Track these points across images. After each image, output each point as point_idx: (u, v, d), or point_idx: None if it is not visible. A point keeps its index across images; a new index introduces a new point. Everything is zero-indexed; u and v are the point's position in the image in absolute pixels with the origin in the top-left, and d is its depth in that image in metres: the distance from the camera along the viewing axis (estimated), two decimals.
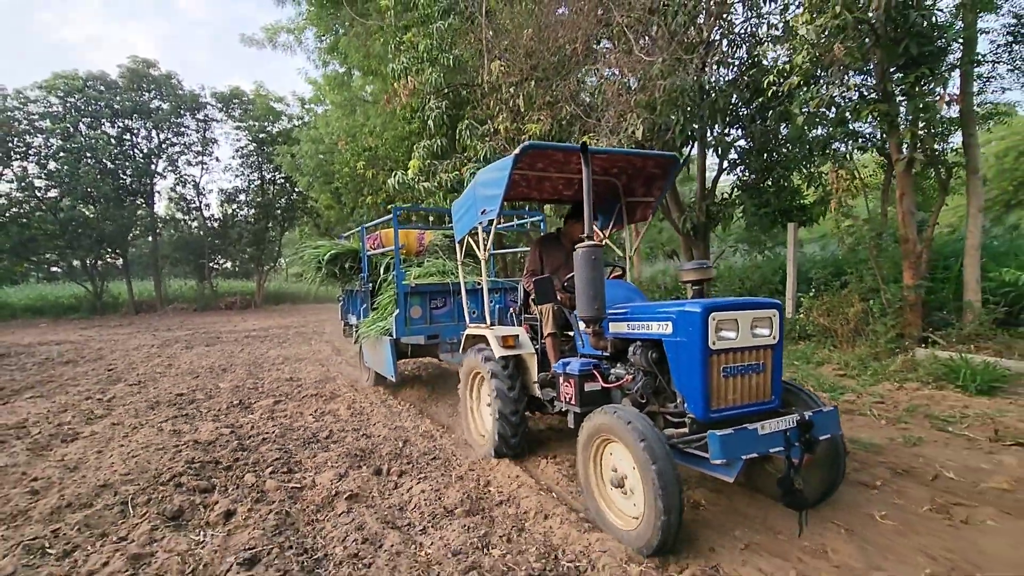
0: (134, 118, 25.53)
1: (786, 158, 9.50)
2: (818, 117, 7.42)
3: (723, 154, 9.46)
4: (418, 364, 8.57)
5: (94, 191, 23.26)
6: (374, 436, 4.82)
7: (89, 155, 23.34)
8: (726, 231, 11.04)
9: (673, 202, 9.95)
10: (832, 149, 8.11)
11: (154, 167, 26.99)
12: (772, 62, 6.70)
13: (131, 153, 26.05)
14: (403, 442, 4.60)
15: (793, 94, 6.73)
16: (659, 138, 7.66)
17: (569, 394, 3.42)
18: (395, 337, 5.84)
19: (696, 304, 2.75)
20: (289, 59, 32.43)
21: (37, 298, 24.53)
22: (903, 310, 6.96)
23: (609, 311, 3.24)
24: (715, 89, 8.14)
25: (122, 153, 25.37)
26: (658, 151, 4.53)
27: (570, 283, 3.67)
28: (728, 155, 9.60)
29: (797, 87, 6.46)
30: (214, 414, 5.82)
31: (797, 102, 6.90)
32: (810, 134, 8.34)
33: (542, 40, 8.05)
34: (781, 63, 6.57)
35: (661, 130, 7.52)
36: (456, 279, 6.12)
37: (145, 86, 25.78)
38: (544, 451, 4.25)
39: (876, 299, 7.24)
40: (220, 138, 38.33)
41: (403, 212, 7.24)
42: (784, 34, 7.22)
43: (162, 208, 29.85)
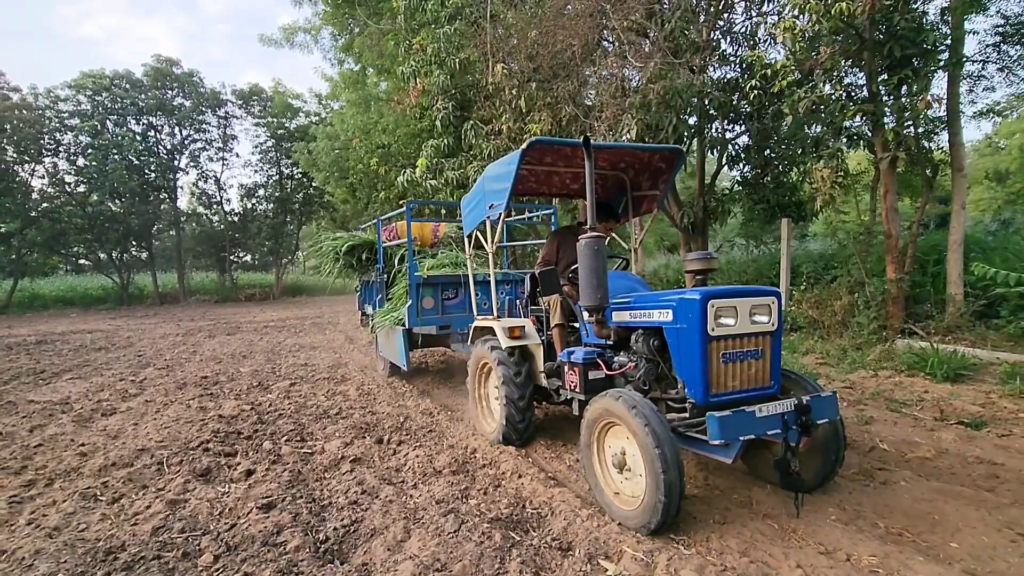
0: (158, 115, 26.44)
1: (784, 155, 9.80)
2: (805, 117, 7.70)
3: (721, 151, 9.77)
4: (424, 352, 9.02)
5: (121, 186, 24.16)
6: (379, 413, 5.32)
7: (116, 152, 24.26)
8: (723, 226, 11.33)
9: (672, 198, 10.28)
10: (824, 147, 8.40)
11: (177, 163, 27.96)
12: (760, 64, 6.97)
13: (155, 149, 26.98)
14: (404, 418, 5.10)
15: (785, 94, 7.03)
16: (653, 138, 8.02)
17: (574, 382, 3.48)
18: (407, 327, 6.00)
19: (696, 292, 2.81)
20: (306, 57, 33.08)
21: (67, 290, 25.61)
22: (886, 303, 7.27)
23: (612, 300, 3.31)
24: (713, 89, 8.43)
25: (147, 149, 26.29)
26: (662, 145, 4.71)
27: (575, 275, 3.78)
28: (725, 152, 9.91)
29: (788, 87, 6.77)
30: (236, 393, 6.38)
31: (788, 102, 7.18)
32: (806, 131, 8.63)
33: (543, 44, 8.44)
34: (768, 66, 6.87)
35: (654, 130, 7.87)
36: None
37: (168, 84, 26.67)
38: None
39: (861, 292, 7.55)
40: (240, 134, 39.40)
41: (416, 206, 7.53)
42: (774, 36, 7.52)
43: (185, 203, 30.90)
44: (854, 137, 8.31)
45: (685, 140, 9.35)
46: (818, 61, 6.57)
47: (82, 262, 28.29)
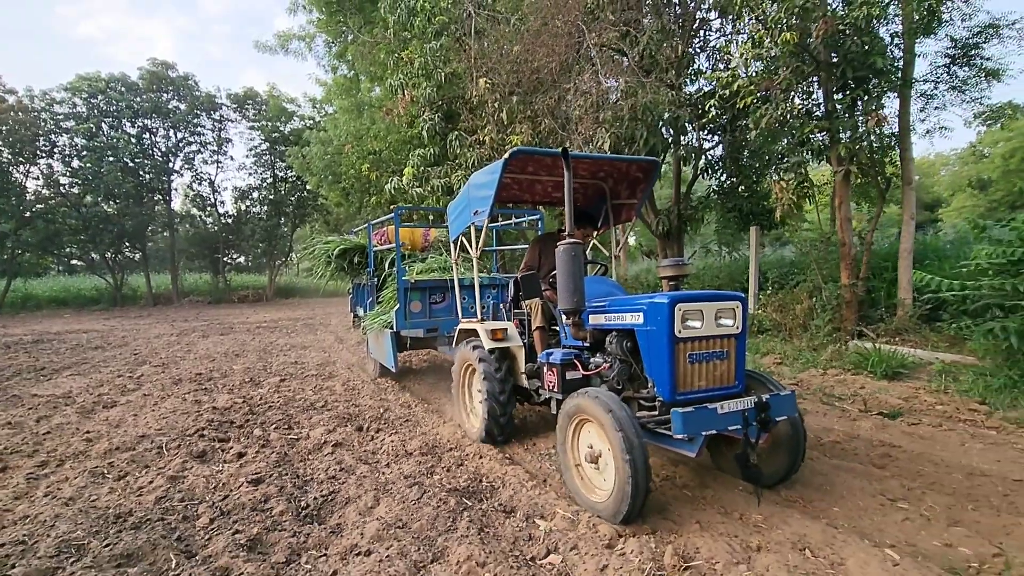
0: (153, 118, 26.78)
1: (755, 166, 10.35)
2: (768, 132, 8.21)
3: (696, 161, 10.30)
4: (410, 352, 9.40)
5: (115, 188, 24.44)
6: (361, 405, 5.77)
7: (111, 154, 24.55)
8: (697, 233, 11.84)
9: (649, 205, 10.79)
10: (787, 160, 8.93)
11: (171, 165, 28.26)
12: (721, 84, 7.47)
13: (150, 152, 27.30)
14: (384, 409, 5.54)
15: (750, 109, 7.52)
16: (627, 149, 8.51)
17: (552, 382, 3.65)
18: (396, 330, 6.20)
19: (664, 296, 2.96)
20: (300, 63, 33.48)
21: (61, 290, 25.81)
22: (840, 307, 7.79)
23: (589, 304, 3.50)
24: (684, 104, 8.93)
25: (142, 152, 26.59)
26: (638, 156, 5.04)
27: (555, 280, 3.86)
28: (699, 162, 10.44)
29: (752, 104, 7.26)
30: (229, 388, 6.79)
31: (753, 118, 7.65)
32: (772, 145, 9.16)
33: (525, 60, 8.93)
34: (728, 86, 7.37)
35: (627, 142, 8.36)
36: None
37: (164, 87, 27.01)
38: None
39: (819, 297, 8.06)
40: (234, 137, 39.50)
41: (405, 212, 7.89)
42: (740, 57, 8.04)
43: (179, 205, 31.25)
44: (817, 150, 8.84)
45: (659, 151, 9.85)
46: (774, 82, 7.10)
47: (74, 263, 28.51)
